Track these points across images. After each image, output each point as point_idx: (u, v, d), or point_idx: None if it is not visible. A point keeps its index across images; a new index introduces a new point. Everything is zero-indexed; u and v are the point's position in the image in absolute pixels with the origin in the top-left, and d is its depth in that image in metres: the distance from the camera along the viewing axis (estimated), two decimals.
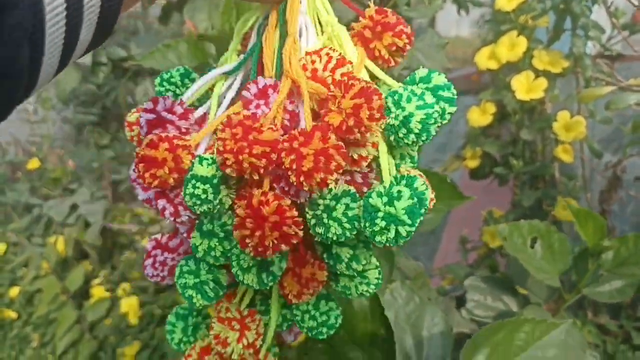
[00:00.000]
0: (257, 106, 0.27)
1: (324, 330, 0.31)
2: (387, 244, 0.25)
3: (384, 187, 0.26)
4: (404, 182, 0.27)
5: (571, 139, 0.84)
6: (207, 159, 0.27)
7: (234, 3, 0.71)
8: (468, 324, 0.77)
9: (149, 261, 0.32)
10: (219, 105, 0.30)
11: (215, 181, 0.26)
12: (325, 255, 0.29)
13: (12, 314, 1.39)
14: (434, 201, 0.29)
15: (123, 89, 1.00)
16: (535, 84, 0.82)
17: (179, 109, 0.29)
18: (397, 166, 0.29)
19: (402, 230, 0.25)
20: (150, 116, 0.28)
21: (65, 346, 1.26)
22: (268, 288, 0.29)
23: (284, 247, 0.25)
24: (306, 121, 0.26)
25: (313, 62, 0.27)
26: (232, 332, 0.30)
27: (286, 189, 0.27)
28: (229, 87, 0.31)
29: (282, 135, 0.26)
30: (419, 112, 0.25)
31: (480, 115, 0.89)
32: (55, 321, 1.32)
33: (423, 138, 0.26)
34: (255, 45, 0.30)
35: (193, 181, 0.26)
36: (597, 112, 0.91)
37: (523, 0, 0.80)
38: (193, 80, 0.32)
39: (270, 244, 0.25)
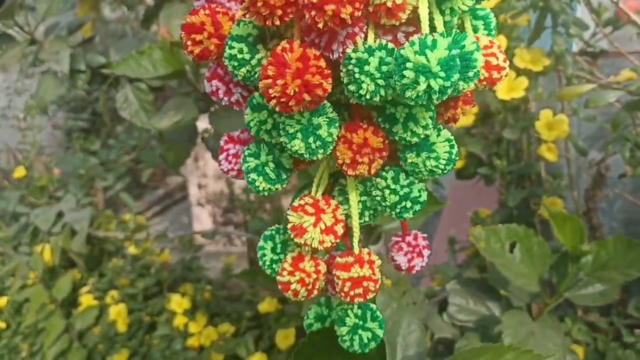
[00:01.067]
0: None
1: (408, 204, 0.29)
2: (419, 101, 0.23)
3: (419, 37, 0.24)
4: (449, 38, 0.24)
5: (553, 137, 0.83)
6: (244, 21, 0.27)
7: None
8: (450, 329, 0.76)
9: (223, 155, 0.32)
10: None
11: (250, 39, 0.27)
12: (380, 120, 0.28)
13: (1, 324, 1.38)
14: (505, 69, 0.28)
15: (103, 96, 0.99)
16: (516, 83, 0.81)
17: None
18: (448, 24, 0.27)
19: (434, 84, 0.23)
20: None
21: (54, 355, 1.25)
22: (318, 157, 0.28)
23: (306, 97, 0.25)
24: None
25: None
26: (307, 217, 0.29)
27: (316, 40, 0.26)
28: None
29: None
30: None
31: None
32: (43, 330, 1.32)
33: None
34: None
35: (230, 42, 0.27)
36: (580, 109, 0.90)
37: None
38: None
39: (293, 92, 0.24)
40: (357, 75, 0.25)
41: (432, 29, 0.25)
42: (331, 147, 0.28)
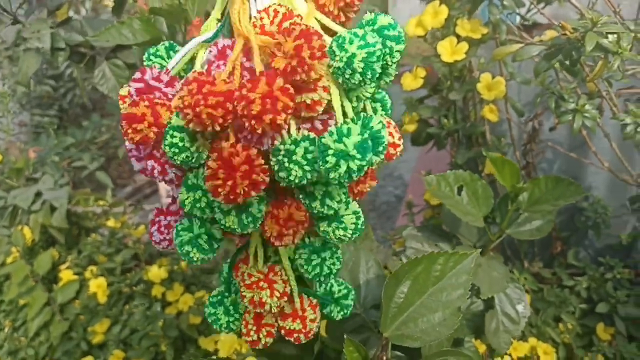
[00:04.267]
0: (218, 66, 0.30)
1: (323, 276, 0.35)
2: (342, 180, 0.27)
3: (335, 126, 0.28)
4: (359, 122, 0.28)
5: (493, 97, 0.94)
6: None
7: None
8: None
9: (154, 227, 0.34)
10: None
11: (190, 130, 0.28)
12: (301, 196, 0.31)
13: None
14: (400, 147, 0.33)
15: (79, 73, 1.06)
16: (458, 48, 0.91)
17: (165, 77, 0.31)
18: (356, 109, 0.31)
19: (353, 165, 0.27)
20: (139, 85, 0.30)
21: (37, 328, 1.30)
22: (249, 231, 0.31)
23: (253, 193, 0.28)
24: (257, 70, 0.28)
25: (262, 18, 0.29)
26: (262, 292, 0.33)
27: (248, 137, 0.29)
28: (210, 53, 0.32)
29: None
30: (361, 51, 0.27)
31: (412, 80, 0.98)
32: (25, 307, 1.36)
33: (368, 76, 0.28)
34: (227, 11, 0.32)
35: (171, 131, 0.29)
36: (517, 74, 1.02)
37: None
38: (177, 52, 0.33)
39: (242, 192, 0.27)
40: (286, 164, 0.28)
41: (344, 115, 0.30)
42: (260, 222, 0.31)
